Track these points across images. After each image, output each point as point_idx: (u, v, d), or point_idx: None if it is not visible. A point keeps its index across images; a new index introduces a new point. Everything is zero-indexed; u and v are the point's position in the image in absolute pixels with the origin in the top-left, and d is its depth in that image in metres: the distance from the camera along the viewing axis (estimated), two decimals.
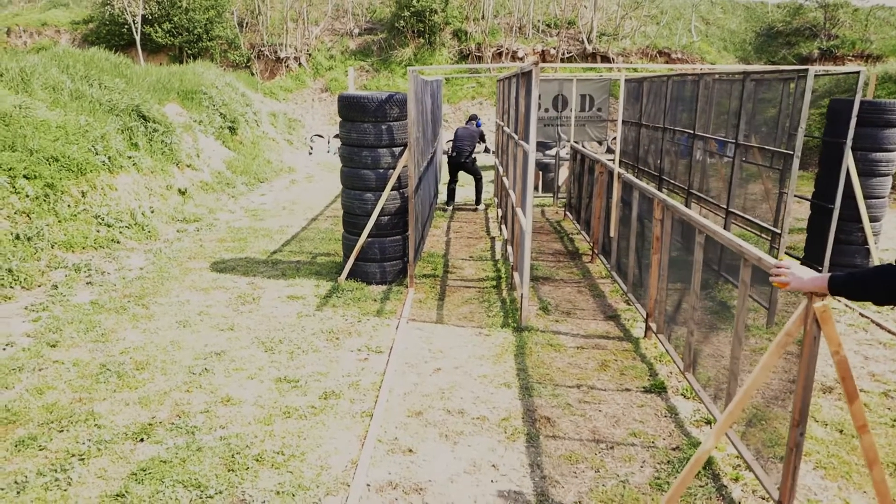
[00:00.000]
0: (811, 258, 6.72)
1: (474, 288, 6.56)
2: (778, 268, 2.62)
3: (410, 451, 3.57)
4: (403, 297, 6.18)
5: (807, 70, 5.04)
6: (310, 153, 17.71)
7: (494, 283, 6.73)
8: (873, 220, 6.80)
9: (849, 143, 5.97)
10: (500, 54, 22.60)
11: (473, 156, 10.69)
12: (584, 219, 8.44)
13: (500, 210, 9.66)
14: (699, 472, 3.38)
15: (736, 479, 3.35)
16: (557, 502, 3.16)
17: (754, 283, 3.54)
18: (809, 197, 6.88)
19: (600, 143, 12.85)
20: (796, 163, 5.22)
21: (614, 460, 3.51)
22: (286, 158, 15.48)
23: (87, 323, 5.22)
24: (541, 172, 11.87)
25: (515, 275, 6.36)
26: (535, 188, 12.29)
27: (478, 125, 10.80)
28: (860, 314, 5.84)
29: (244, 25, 23.36)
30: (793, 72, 5.59)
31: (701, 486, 3.28)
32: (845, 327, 5.58)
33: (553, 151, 11.61)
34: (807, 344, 2.63)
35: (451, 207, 10.75)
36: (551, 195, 11.56)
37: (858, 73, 5.88)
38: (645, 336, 5.21)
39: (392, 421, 3.88)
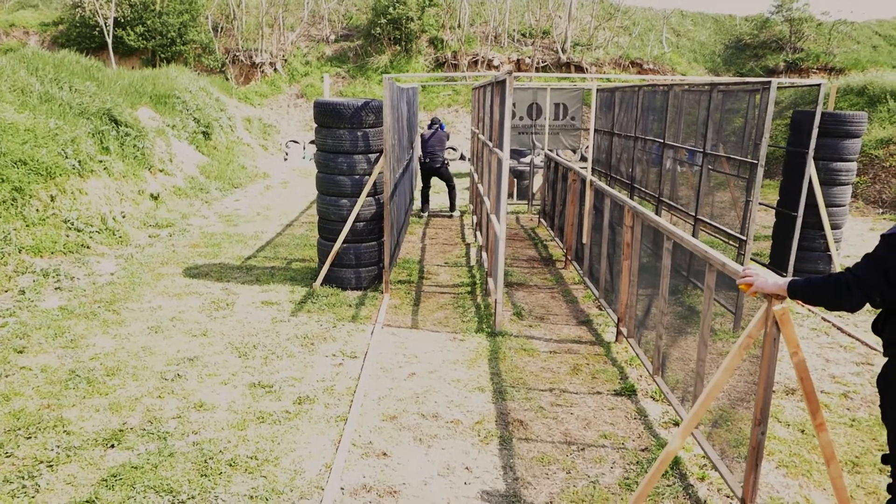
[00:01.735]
0: (776, 264, 6.93)
1: (449, 293, 6.61)
2: (745, 272, 2.76)
3: (385, 454, 3.59)
4: (378, 302, 6.20)
5: (770, 82, 5.22)
6: (285, 159, 17.63)
7: (469, 288, 6.79)
8: (834, 227, 7.03)
9: (811, 153, 6.19)
10: (475, 62, 22.80)
11: (446, 161, 10.73)
12: (558, 225, 8.56)
13: (475, 217, 9.74)
14: (667, 471, 3.47)
15: (702, 479, 3.44)
16: (529, 503, 3.21)
17: (720, 287, 3.66)
18: (774, 205, 7.09)
19: (574, 151, 13.04)
20: (760, 172, 5.39)
21: (585, 461, 3.58)
22: (261, 164, 15.38)
23: (56, 328, 5.14)
24: (515, 180, 12.01)
25: (490, 280, 6.43)
26: (510, 195, 12.41)
27: (441, 128, 10.68)
28: (822, 318, 6.02)
29: (219, 30, 23.19)
30: (757, 84, 5.78)
31: (668, 486, 3.36)
32: (808, 331, 5.75)
33: (528, 159, 11.75)
34: (767, 345, 2.74)
35: (426, 213, 10.79)
36: (526, 202, 11.69)
37: (819, 85, 6.10)
38: (616, 340, 5.31)
39: (366, 425, 3.90)
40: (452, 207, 10.95)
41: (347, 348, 5.06)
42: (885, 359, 2.53)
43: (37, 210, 6.99)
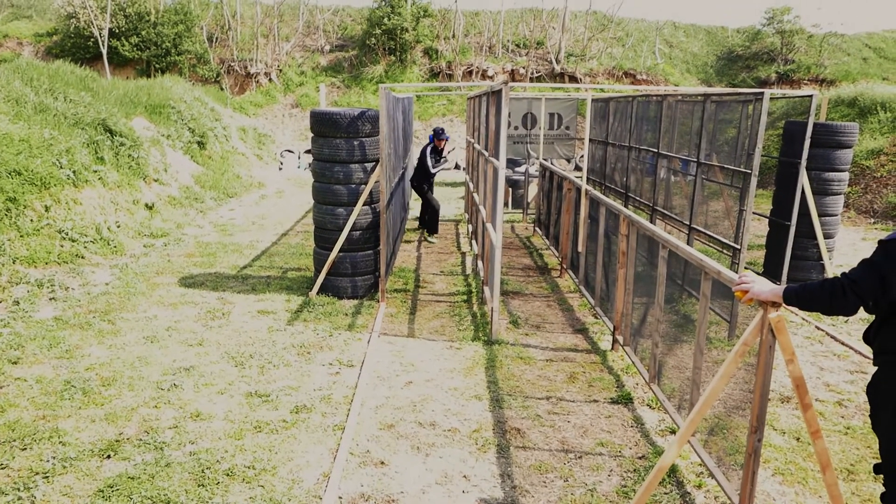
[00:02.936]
0: (770, 273, 6.97)
1: (445, 302, 6.62)
2: (741, 279, 2.79)
3: (382, 463, 3.59)
4: (375, 311, 6.20)
5: (763, 93, 5.28)
6: (280, 168, 17.64)
7: (465, 297, 6.80)
8: (827, 236, 7.09)
9: (803, 163, 6.25)
10: (470, 73, 22.93)
11: (432, 176, 9.58)
12: (553, 234, 8.59)
13: (470, 225, 9.77)
14: (664, 479, 3.48)
15: (699, 486, 3.45)
16: None
17: (715, 296, 3.69)
18: (768, 214, 7.15)
19: (568, 160, 13.13)
20: (754, 181, 5.44)
21: (582, 469, 3.59)
22: (256, 174, 15.39)
23: (51, 339, 5.12)
24: (510, 189, 12.06)
25: (486, 289, 6.44)
26: (505, 204, 12.45)
27: (430, 139, 9.53)
28: (816, 327, 6.06)
29: (214, 40, 23.26)
30: (750, 94, 5.84)
31: (666, 493, 3.37)
32: (802, 339, 5.79)
33: (522, 168, 11.81)
34: (762, 352, 2.76)
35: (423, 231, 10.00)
36: (521, 211, 11.73)
37: (811, 96, 6.17)
38: (612, 349, 5.33)
39: (364, 434, 3.89)
40: (430, 231, 9.75)
41: (344, 357, 5.06)
42: (875, 367, 2.56)
43: (31, 220, 6.97)
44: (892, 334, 2.46)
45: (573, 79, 22.53)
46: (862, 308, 2.43)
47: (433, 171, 9.54)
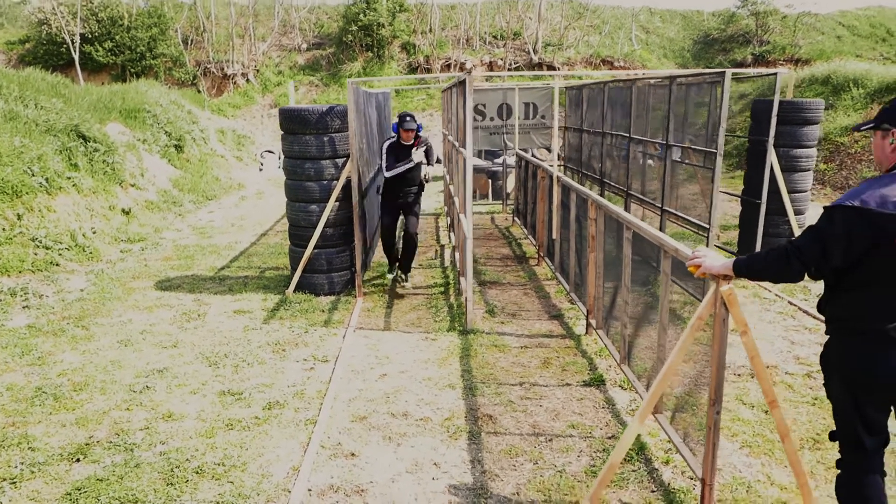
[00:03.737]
0: (744, 251, 7.05)
1: (422, 295, 6.63)
2: (693, 255, 2.83)
3: (353, 454, 3.60)
4: (351, 306, 6.20)
5: (724, 73, 5.32)
6: (260, 169, 17.55)
7: (442, 289, 6.82)
8: (797, 213, 7.16)
9: (771, 140, 6.31)
10: (448, 66, 22.90)
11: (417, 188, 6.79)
12: (531, 223, 8.62)
13: (448, 218, 9.78)
14: (633, 457, 3.52)
15: (667, 462, 3.49)
16: (496, 494, 3.24)
17: (687, 276, 3.72)
18: (740, 194, 7.21)
19: (548, 150, 13.14)
20: (720, 160, 5.48)
21: (553, 452, 3.62)
22: (235, 175, 15.30)
23: (23, 347, 5.08)
24: (489, 181, 12.07)
25: (462, 279, 6.46)
26: (485, 196, 12.47)
27: (394, 129, 6.56)
28: (789, 302, 6.13)
29: (189, 42, 23.06)
30: (714, 74, 5.88)
31: (633, 471, 3.41)
32: (775, 315, 5.85)
33: (501, 160, 11.82)
34: (716, 325, 2.79)
35: (392, 276, 7.00)
36: (500, 202, 11.75)
37: (776, 74, 6.23)
38: (586, 333, 5.37)
39: (336, 427, 3.90)
40: (405, 268, 6.85)
41: (319, 353, 5.06)
42: (827, 336, 2.60)
43: (3, 229, 6.90)
44: (839, 301, 2.49)
45: (551, 68, 22.56)
46: (807, 275, 2.46)
47: (386, 173, 6.48)
